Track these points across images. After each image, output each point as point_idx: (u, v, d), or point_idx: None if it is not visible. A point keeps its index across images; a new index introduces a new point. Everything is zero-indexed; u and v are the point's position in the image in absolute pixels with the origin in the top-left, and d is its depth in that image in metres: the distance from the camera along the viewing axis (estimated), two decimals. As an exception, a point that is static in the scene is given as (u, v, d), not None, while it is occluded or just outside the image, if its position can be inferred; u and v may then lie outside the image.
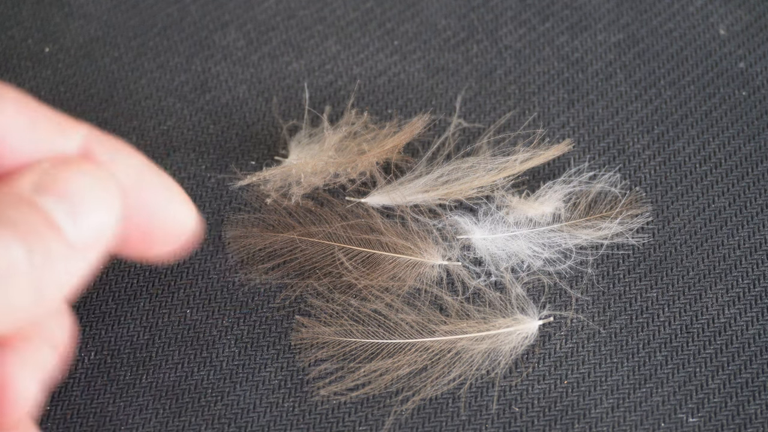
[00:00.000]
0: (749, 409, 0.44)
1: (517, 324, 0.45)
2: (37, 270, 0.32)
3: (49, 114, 0.36)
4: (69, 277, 0.34)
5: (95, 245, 0.34)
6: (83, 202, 0.34)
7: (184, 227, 0.38)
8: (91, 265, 0.35)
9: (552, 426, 0.44)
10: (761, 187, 0.50)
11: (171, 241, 0.38)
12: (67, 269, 0.34)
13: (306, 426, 0.44)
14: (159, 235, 0.37)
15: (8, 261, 0.32)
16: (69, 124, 0.36)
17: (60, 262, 0.33)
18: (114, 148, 0.36)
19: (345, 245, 0.47)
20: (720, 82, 0.54)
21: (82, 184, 0.34)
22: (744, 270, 0.48)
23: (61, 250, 0.33)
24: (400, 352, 0.45)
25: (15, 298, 0.32)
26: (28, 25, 0.56)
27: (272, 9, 0.57)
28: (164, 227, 0.37)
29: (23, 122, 0.35)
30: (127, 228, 0.37)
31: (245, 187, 0.50)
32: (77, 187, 0.34)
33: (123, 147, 0.37)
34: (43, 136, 0.35)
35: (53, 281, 0.33)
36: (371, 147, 0.49)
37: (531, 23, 0.56)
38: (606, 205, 0.49)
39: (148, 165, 0.37)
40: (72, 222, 0.34)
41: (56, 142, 0.35)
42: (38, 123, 0.35)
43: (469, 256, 0.48)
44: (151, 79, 0.54)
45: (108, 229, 0.35)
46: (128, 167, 0.36)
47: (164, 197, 0.37)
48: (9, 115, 0.34)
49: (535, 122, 0.52)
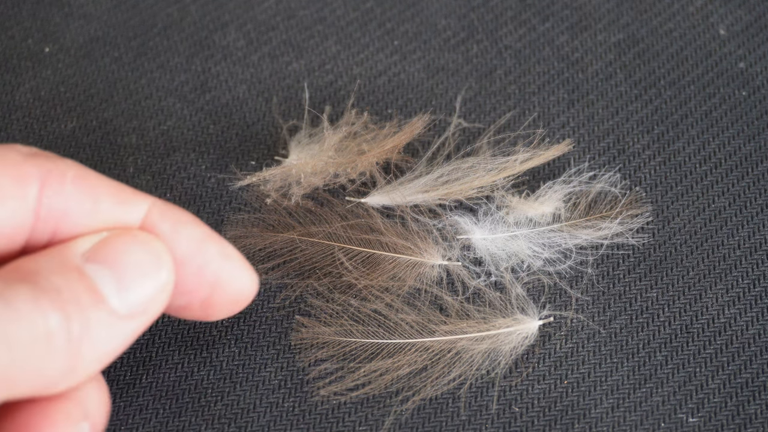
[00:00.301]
0: (749, 409, 0.44)
1: (517, 324, 0.45)
2: (75, 338, 0.33)
3: (113, 187, 0.36)
4: (110, 344, 0.34)
5: (141, 314, 0.35)
6: (132, 273, 0.34)
7: (243, 294, 0.38)
8: (136, 333, 0.35)
9: (552, 426, 0.44)
10: (761, 187, 0.50)
11: (231, 306, 0.38)
12: (109, 336, 0.34)
13: (306, 426, 0.44)
14: (218, 301, 0.38)
15: (45, 329, 0.32)
16: (132, 196, 0.36)
17: (101, 330, 0.33)
18: (176, 219, 0.37)
19: (345, 245, 0.47)
20: (720, 82, 0.54)
21: (133, 255, 0.35)
22: (744, 270, 0.48)
23: (102, 319, 0.33)
24: (400, 352, 0.45)
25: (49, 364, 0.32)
26: (28, 25, 0.56)
27: (272, 9, 0.57)
28: (224, 294, 0.38)
29: (85, 197, 0.35)
30: (186, 295, 0.37)
31: (245, 187, 0.50)
32: (128, 257, 0.35)
33: (185, 217, 0.37)
34: (105, 208, 0.35)
35: (92, 348, 0.33)
36: (371, 147, 0.49)
37: (531, 23, 0.56)
38: (606, 205, 0.49)
39: (211, 234, 0.37)
40: (117, 292, 0.34)
41: (118, 214, 0.36)
42: (101, 197, 0.35)
43: (469, 256, 0.48)
44: (151, 79, 0.54)
45: (156, 300, 0.35)
46: (189, 237, 0.37)
47: (225, 266, 0.37)
48: (69, 192, 0.35)
49: (535, 122, 0.52)
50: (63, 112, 0.53)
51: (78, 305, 0.33)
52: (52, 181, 0.34)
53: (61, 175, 0.35)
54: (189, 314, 0.38)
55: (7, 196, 0.34)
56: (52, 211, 0.34)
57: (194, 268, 0.37)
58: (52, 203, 0.34)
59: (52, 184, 0.34)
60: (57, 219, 0.35)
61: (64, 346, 0.32)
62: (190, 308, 0.38)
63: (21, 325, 0.31)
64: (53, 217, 0.35)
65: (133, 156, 0.52)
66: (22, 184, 0.34)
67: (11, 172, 0.34)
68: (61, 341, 0.32)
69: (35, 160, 0.35)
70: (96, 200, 0.35)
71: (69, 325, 0.32)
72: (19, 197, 0.34)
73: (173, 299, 0.37)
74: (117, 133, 0.53)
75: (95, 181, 0.35)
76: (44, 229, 0.35)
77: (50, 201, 0.34)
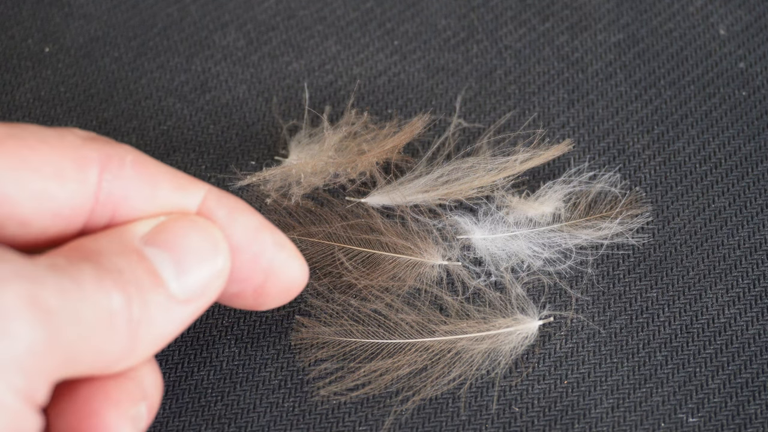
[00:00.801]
0: (749, 409, 0.44)
1: (517, 324, 0.45)
2: (135, 319, 0.33)
3: (170, 173, 0.36)
4: (167, 327, 0.34)
5: (198, 299, 0.35)
6: (190, 257, 0.35)
7: (295, 283, 0.39)
8: (192, 317, 0.35)
9: (552, 426, 0.44)
10: (761, 187, 0.50)
11: (282, 295, 0.39)
12: (166, 320, 0.34)
13: (306, 426, 0.44)
14: (271, 290, 0.38)
15: (109, 308, 0.32)
16: (189, 183, 0.36)
17: (159, 313, 0.34)
18: (232, 207, 0.37)
19: (345, 245, 0.47)
20: (720, 82, 0.54)
21: (192, 240, 0.35)
22: (744, 270, 0.48)
23: (161, 302, 0.34)
24: (400, 352, 0.45)
25: (109, 344, 0.32)
26: (28, 25, 0.56)
27: (272, 9, 0.57)
28: (277, 282, 0.38)
29: (143, 182, 0.35)
30: (240, 283, 0.37)
31: (245, 187, 0.50)
32: (186, 242, 0.35)
33: (241, 205, 0.37)
34: (163, 194, 0.36)
35: (149, 331, 0.34)
36: (371, 147, 0.49)
37: (531, 23, 0.56)
38: (606, 205, 0.49)
39: (265, 223, 0.38)
40: (176, 276, 0.34)
41: (176, 199, 0.36)
42: (159, 182, 0.36)
43: (469, 256, 0.48)
44: (151, 79, 0.54)
45: (212, 285, 0.35)
46: (244, 226, 0.37)
47: (279, 255, 0.38)
48: (129, 177, 0.35)
49: (535, 122, 0.52)
50: (63, 112, 0.53)
51: (138, 287, 0.33)
52: (112, 166, 0.35)
53: (120, 160, 0.35)
54: (241, 302, 0.39)
55: (67, 178, 0.34)
56: (111, 194, 0.35)
57: (249, 255, 0.37)
58: (111, 187, 0.35)
59: (112, 168, 0.35)
60: (115, 203, 0.35)
61: (124, 327, 0.33)
62: (242, 296, 0.38)
63: (86, 303, 0.32)
64: (112, 200, 0.35)
65: (133, 156, 0.52)
66: (83, 167, 0.34)
67: (71, 154, 0.34)
68: (122, 322, 0.32)
69: (94, 144, 0.35)
70: (154, 185, 0.35)
71: (130, 306, 0.33)
72: (80, 180, 0.34)
73: (227, 286, 0.38)
74: (117, 133, 0.53)
75: (153, 166, 0.36)
76: (103, 213, 0.35)
77: (109, 185, 0.35)
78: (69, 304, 0.31)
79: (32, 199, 0.33)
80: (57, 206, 0.34)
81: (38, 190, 0.34)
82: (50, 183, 0.34)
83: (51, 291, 0.31)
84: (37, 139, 0.34)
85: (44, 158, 0.34)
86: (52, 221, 0.34)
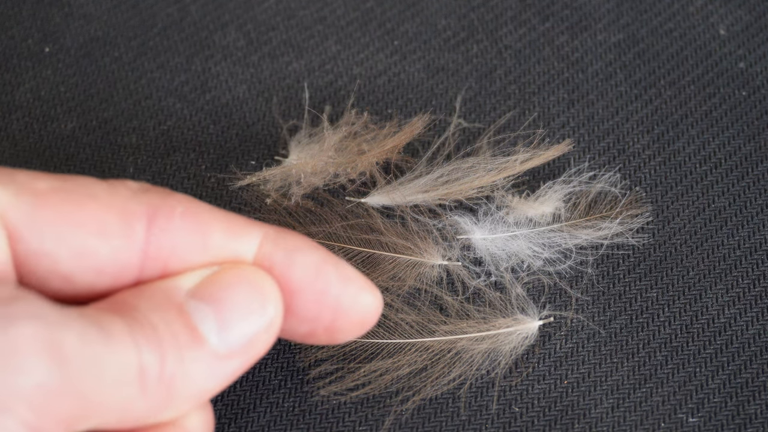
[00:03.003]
0: (749, 409, 0.44)
1: (517, 324, 0.45)
2: (167, 376, 0.32)
3: (224, 220, 0.35)
4: (208, 382, 0.33)
5: (242, 353, 0.34)
6: (234, 311, 0.34)
7: (368, 315, 0.37)
8: (239, 371, 0.34)
9: (552, 426, 0.44)
10: (761, 187, 0.50)
11: (356, 328, 0.37)
12: (206, 375, 0.33)
13: (306, 426, 0.44)
14: (343, 326, 0.37)
15: (138, 364, 0.32)
16: (244, 228, 0.35)
17: (198, 369, 0.33)
18: (291, 247, 0.36)
19: (345, 245, 0.47)
20: (720, 82, 0.54)
21: (237, 293, 0.34)
22: (744, 270, 0.48)
23: (200, 358, 0.33)
24: (400, 352, 0.45)
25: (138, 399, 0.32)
26: (28, 25, 0.56)
27: (272, 9, 0.57)
28: (347, 318, 0.36)
29: (194, 233, 0.34)
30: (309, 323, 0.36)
31: (245, 187, 0.50)
32: (231, 295, 0.34)
33: (300, 244, 0.36)
34: (216, 243, 0.35)
35: (187, 386, 0.33)
36: (371, 147, 0.49)
37: (531, 23, 0.56)
38: (606, 205, 0.49)
39: (328, 258, 0.36)
40: (218, 331, 0.33)
41: (230, 247, 0.35)
42: (211, 231, 0.35)
43: (469, 256, 0.48)
44: (151, 79, 0.54)
45: (259, 339, 0.34)
46: (304, 265, 0.36)
47: (346, 290, 0.36)
48: (178, 228, 0.34)
49: (535, 122, 0.52)
50: (63, 112, 0.53)
51: (174, 343, 0.32)
52: (160, 218, 0.34)
53: (170, 211, 0.34)
54: (314, 340, 0.37)
55: (111, 234, 0.33)
56: (161, 248, 0.34)
57: (314, 294, 0.36)
58: (160, 240, 0.34)
59: (160, 221, 0.34)
60: (167, 255, 0.34)
61: (155, 383, 0.32)
62: (314, 335, 0.37)
63: (111, 355, 0.31)
64: (163, 253, 0.34)
65: (133, 156, 0.52)
66: (128, 221, 0.34)
67: (117, 209, 0.33)
68: (153, 378, 0.32)
69: (144, 196, 0.34)
70: (206, 235, 0.35)
71: (163, 363, 0.32)
72: (125, 235, 0.33)
73: (296, 327, 0.37)
74: (117, 133, 0.53)
75: (206, 215, 0.35)
76: (155, 266, 0.34)
77: (158, 238, 0.34)
78: (90, 352, 0.31)
79: (73, 255, 0.33)
80: (100, 262, 0.33)
81: (79, 247, 0.33)
82: (92, 239, 0.33)
83: (71, 336, 0.31)
84: (83, 194, 0.33)
85: (88, 214, 0.33)
86: (96, 277, 0.34)
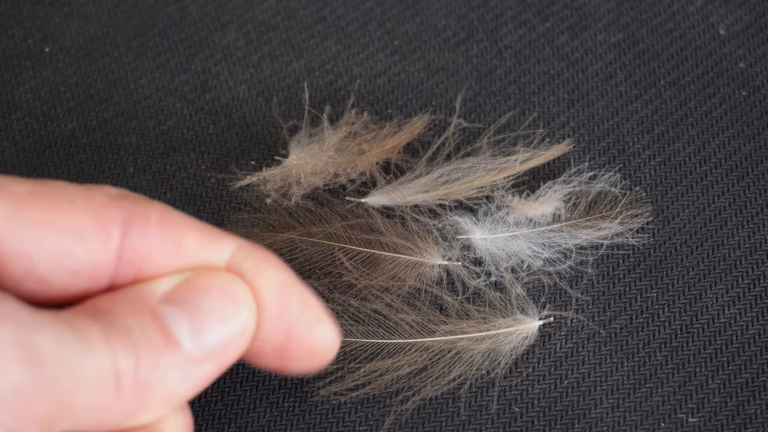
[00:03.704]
0: (749, 409, 0.44)
1: (517, 324, 0.45)
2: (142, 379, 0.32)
3: (198, 229, 0.35)
4: (183, 386, 0.34)
5: (216, 357, 0.34)
6: (208, 315, 0.34)
7: (319, 348, 0.37)
8: (212, 375, 0.34)
9: (552, 426, 0.44)
10: (761, 187, 0.50)
11: (306, 359, 0.37)
12: (180, 379, 0.33)
13: (306, 426, 0.44)
14: (294, 353, 0.36)
15: (113, 367, 0.32)
16: (218, 237, 0.36)
17: (172, 373, 0.33)
18: (260, 260, 0.36)
19: (345, 245, 0.47)
20: (720, 82, 0.54)
21: (212, 298, 0.34)
22: (744, 270, 0.48)
23: (174, 362, 0.33)
24: (400, 352, 0.45)
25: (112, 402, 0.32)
26: (28, 25, 0.56)
27: (272, 9, 0.57)
28: (299, 345, 0.36)
29: (169, 239, 0.35)
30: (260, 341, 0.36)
31: (245, 187, 0.50)
32: (205, 299, 0.34)
33: (271, 260, 0.36)
34: (189, 250, 0.35)
35: (162, 390, 0.33)
36: (371, 147, 0.49)
37: (531, 23, 0.56)
38: (606, 205, 0.49)
39: (295, 281, 0.36)
40: (191, 336, 0.34)
41: (203, 255, 0.35)
42: (185, 238, 0.35)
43: (469, 256, 0.48)
44: (151, 79, 0.54)
45: (233, 343, 0.34)
46: (272, 280, 0.36)
47: (303, 316, 0.36)
48: (153, 234, 0.35)
49: (535, 122, 0.52)
50: (63, 112, 0.53)
51: (148, 347, 0.33)
52: (136, 224, 0.34)
53: (146, 218, 0.35)
54: (263, 362, 0.37)
55: (88, 237, 0.34)
56: (136, 252, 0.34)
57: (273, 311, 0.36)
58: (135, 245, 0.34)
59: (136, 227, 0.34)
60: (141, 261, 0.35)
61: (130, 387, 0.32)
62: (264, 355, 0.37)
63: (86, 358, 0.31)
64: (137, 258, 0.35)
65: (133, 156, 0.52)
66: (105, 225, 0.34)
67: (94, 213, 0.34)
68: (128, 381, 0.32)
69: (121, 202, 0.35)
70: (180, 241, 0.35)
71: (137, 367, 0.32)
72: (101, 238, 0.34)
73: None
74: (117, 133, 0.53)
75: (180, 222, 0.35)
76: (128, 271, 0.35)
77: (133, 243, 0.34)
78: (65, 355, 0.31)
79: (50, 256, 0.33)
80: (76, 264, 0.34)
81: (56, 248, 0.33)
82: (69, 241, 0.33)
83: (46, 339, 0.31)
84: (61, 197, 0.34)
85: (65, 216, 0.34)
86: (72, 279, 0.34)
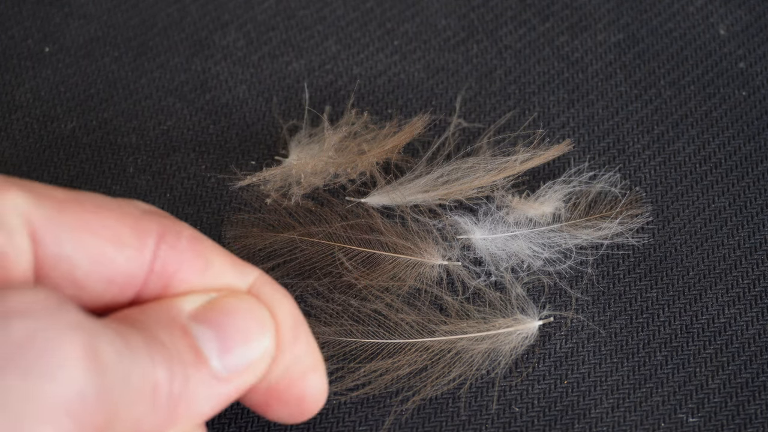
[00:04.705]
0: (749, 409, 0.44)
1: (517, 324, 0.45)
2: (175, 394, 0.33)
3: (225, 253, 0.36)
4: (207, 404, 0.34)
5: (240, 379, 0.35)
6: (235, 335, 0.35)
7: (309, 396, 0.37)
8: (233, 395, 0.35)
9: (552, 426, 0.44)
10: (761, 187, 0.50)
11: (293, 404, 0.37)
12: (206, 396, 0.34)
13: (306, 426, 0.44)
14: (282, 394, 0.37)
15: (153, 379, 0.32)
16: (241, 264, 0.36)
17: (199, 390, 0.33)
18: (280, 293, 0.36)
19: (345, 245, 0.47)
20: (720, 82, 0.54)
21: (239, 318, 0.35)
22: (744, 270, 0.48)
23: (201, 379, 0.34)
24: (400, 352, 0.45)
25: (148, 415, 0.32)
26: (28, 25, 0.56)
27: (272, 9, 0.57)
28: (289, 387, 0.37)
29: (198, 257, 0.35)
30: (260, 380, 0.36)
31: (245, 187, 0.50)
32: (233, 320, 0.35)
33: (287, 294, 0.37)
34: (216, 271, 0.36)
35: (188, 407, 0.33)
36: (371, 147, 0.49)
37: (531, 23, 0.56)
38: (606, 205, 0.49)
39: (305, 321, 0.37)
40: (219, 354, 0.34)
41: (228, 278, 0.36)
42: (212, 259, 0.36)
43: (469, 256, 0.48)
44: (151, 79, 0.54)
45: (257, 365, 0.35)
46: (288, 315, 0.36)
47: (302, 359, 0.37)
48: (184, 250, 0.35)
49: (535, 122, 0.52)
50: (63, 112, 0.53)
51: (181, 362, 0.33)
52: (168, 237, 0.35)
53: (178, 234, 0.35)
54: (249, 399, 0.37)
55: (125, 244, 0.34)
56: (165, 267, 0.35)
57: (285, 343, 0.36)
58: (167, 258, 0.35)
59: (168, 240, 0.35)
60: (169, 275, 0.35)
61: (164, 401, 0.32)
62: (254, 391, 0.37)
63: (135, 369, 0.32)
64: (166, 273, 0.35)
65: (133, 156, 0.52)
66: (141, 235, 0.34)
67: (130, 222, 0.34)
68: (163, 395, 0.32)
69: (153, 215, 0.35)
70: (208, 262, 0.35)
71: (172, 381, 0.33)
72: (137, 247, 0.34)
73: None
74: (117, 133, 0.53)
75: (209, 244, 0.36)
76: (155, 284, 0.35)
77: (165, 255, 0.35)
78: (122, 364, 0.31)
79: (89, 261, 0.34)
80: (112, 272, 0.34)
81: (96, 253, 0.34)
82: (108, 247, 0.34)
83: (108, 346, 0.31)
84: (97, 205, 0.34)
85: (105, 223, 0.34)
86: (106, 287, 0.34)
